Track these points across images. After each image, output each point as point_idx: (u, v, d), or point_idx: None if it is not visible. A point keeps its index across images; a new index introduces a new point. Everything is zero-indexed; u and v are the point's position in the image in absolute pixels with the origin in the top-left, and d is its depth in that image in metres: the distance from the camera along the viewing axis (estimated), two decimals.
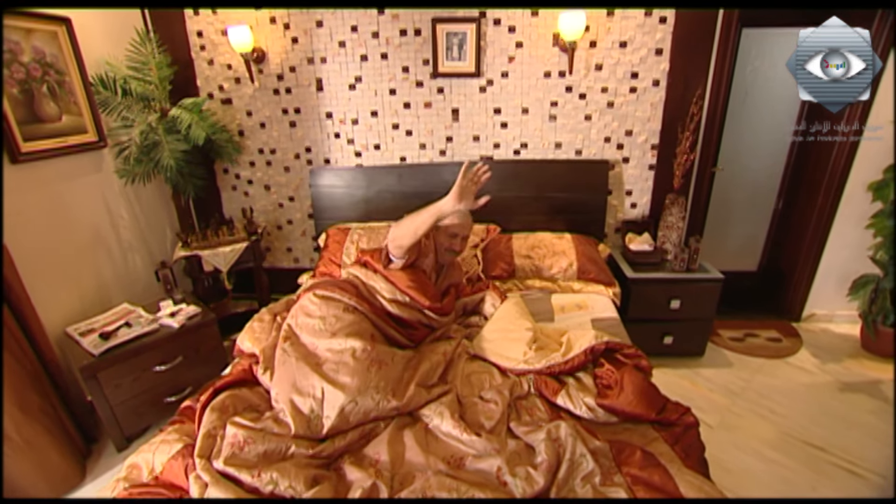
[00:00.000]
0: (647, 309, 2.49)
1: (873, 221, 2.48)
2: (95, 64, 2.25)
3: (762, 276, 3.20)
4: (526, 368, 1.64)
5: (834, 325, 2.94)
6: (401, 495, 1.16)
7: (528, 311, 1.97)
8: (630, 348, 1.71)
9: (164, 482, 1.25)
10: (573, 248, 2.49)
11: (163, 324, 2.16)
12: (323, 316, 1.62)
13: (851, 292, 2.62)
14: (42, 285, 2.00)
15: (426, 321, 1.84)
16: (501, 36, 2.48)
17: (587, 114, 2.60)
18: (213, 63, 2.63)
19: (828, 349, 2.72)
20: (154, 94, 2.33)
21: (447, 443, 1.39)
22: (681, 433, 1.45)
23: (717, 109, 2.55)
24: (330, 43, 2.54)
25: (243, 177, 2.88)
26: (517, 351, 1.70)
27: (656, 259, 2.58)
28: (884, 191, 2.42)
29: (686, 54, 2.45)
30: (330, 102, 2.67)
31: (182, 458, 1.27)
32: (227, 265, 2.46)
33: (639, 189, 2.74)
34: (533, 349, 1.69)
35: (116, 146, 2.32)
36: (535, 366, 1.64)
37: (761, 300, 3.15)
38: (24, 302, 1.85)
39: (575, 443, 1.31)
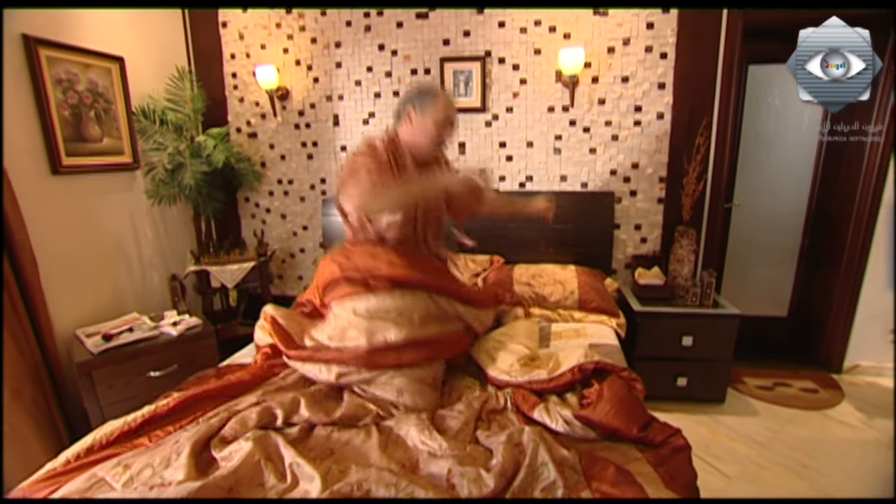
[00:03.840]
0: (657, 346, 2.33)
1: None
2: (140, 96, 2.54)
3: (793, 321, 2.94)
4: (507, 380, 1.56)
5: (884, 378, 2.61)
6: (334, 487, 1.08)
7: (537, 336, 1.92)
8: (624, 371, 1.59)
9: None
10: (575, 277, 2.41)
11: (163, 331, 2.23)
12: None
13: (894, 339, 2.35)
14: (60, 287, 2.14)
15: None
16: (506, 73, 2.61)
17: (592, 147, 2.63)
18: (244, 101, 2.91)
19: (876, 404, 2.41)
20: (186, 123, 2.58)
21: (407, 446, 1.30)
22: (667, 455, 1.28)
23: (726, 143, 2.51)
24: (347, 82, 2.77)
25: (262, 205, 3.05)
26: (506, 362, 1.63)
27: (666, 294, 2.44)
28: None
29: (689, 88, 2.47)
30: (345, 136, 2.85)
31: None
32: (233, 281, 2.55)
33: (648, 223, 2.67)
34: (519, 364, 1.60)
35: (147, 166, 2.55)
36: (516, 378, 1.54)
37: (794, 348, 2.88)
38: (38, 299, 1.98)
39: (537, 449, 1.20)
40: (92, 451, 1.24)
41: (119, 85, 2.46)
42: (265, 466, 1.15)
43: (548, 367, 1.58)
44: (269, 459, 1.18)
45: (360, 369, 1.48)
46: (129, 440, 1.29)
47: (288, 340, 1.66)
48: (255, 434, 1.25)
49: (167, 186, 2.55)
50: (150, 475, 1.13)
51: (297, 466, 1.16)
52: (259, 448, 1.19)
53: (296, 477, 1.14)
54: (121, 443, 1.27)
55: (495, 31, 2.57)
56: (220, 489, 1.07)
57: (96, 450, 1.25)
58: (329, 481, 1.10)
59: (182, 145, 2.54)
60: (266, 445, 1.23)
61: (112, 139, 2.44)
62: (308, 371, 1.55)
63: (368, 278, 1.61)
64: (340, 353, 1.51)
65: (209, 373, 1.73)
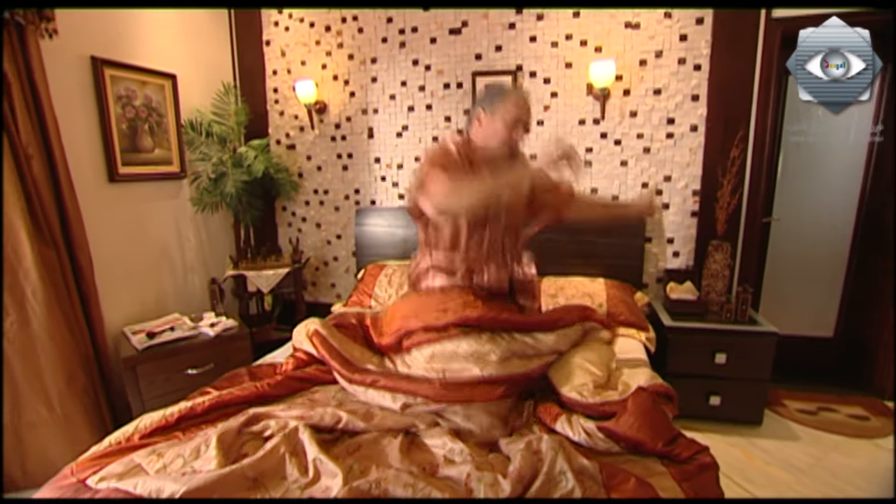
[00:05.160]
0: (689, 362, 2.26)
1: None
2: (189, 110, 2.72)
3: (840, 343, 2.78)
4: (578, 400, 1.43)
5: None
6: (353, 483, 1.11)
7: (613, 363, 1.72)
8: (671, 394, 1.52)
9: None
10: (604, 290, 2.38)
11: (201, 331, 2.35)
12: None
13: None
14: (111, 287, 2.30)
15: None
16: (537, 87, 2.63)
17: (623, 160, 2.61)
18: (284, 114, 3.05)
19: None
20: (230, 135, 2.74)
21: (429, 450, 1.32)
22: (693, 472, 1.25)
23: (764, 155, 2.44)
24: (382, 96, 2.86)
25: (298, 214, 3.17)
26: (579, 382, 1.49)
27: (699, 310, 2.37)
28: None
29: (724, 100, 2.42)
30: (379, 148, 2.94)
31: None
32: (268, 286, 2.66)
33: (681, 237, 2.61)
34: (593, 386, 1.48)
35: (192, 175, 2.71)
36: (587, 399, 1.42)
37: (840, 372, 2.72)
38: (92, 296, 2.13)
39: (556, 457, 1.20)
40: (132, 440, 1.32)
41: (171, 100, 2.64)
42: (289, 460, 1.19)
43: (618, 389, 1.49)
44: (293, 454, 1.22)
45: (429, 402, 1.41)
46: (165, 433, 1.36)
47: (345, 363, 1.60)
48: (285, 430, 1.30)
49: (210, 194, 2.70)
50: (181, 465, 1.19)
51: (320, 462, 1.20)
52: (286, 442, 1.24)
53: (318, 472, 1.18)
54: (158, 434, 1.35)
55: (526, 45, 2.61)
56: (245, 478, 1.13)
57: (136, 438, 1.33)
58: (350, 479, 1.13)
59: (225, 156, 2.69)
60: (294, 442, 1.27)
61: (162, 150, 2.61)
62: (371, 398, 1.48)
63: (439, 325, 1.54)
64: (411, 384, 1.44)
65: (242, 371, 1.81)
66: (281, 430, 1.32)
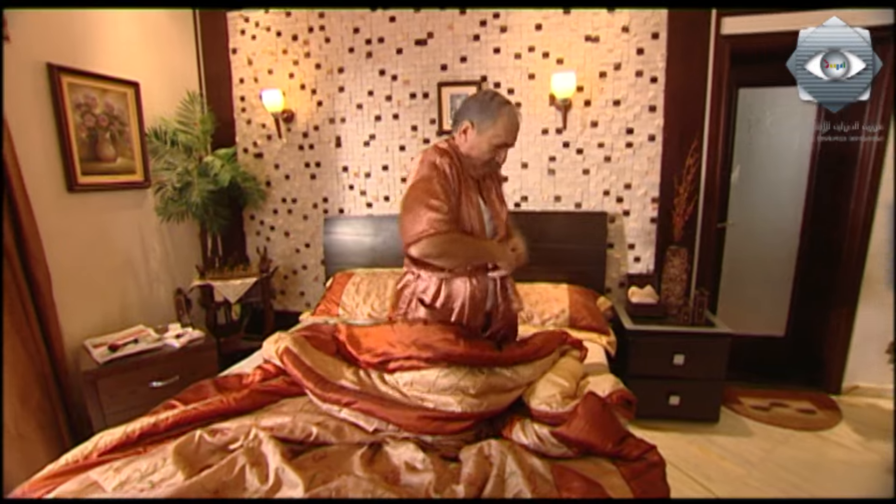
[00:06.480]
0: (649, 364, 2.35)
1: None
2: (153, 118, 2.68)
3: (791, 341, 2.93)
4: (547, 411, 1.44)
5: (884, 400, 2.58)
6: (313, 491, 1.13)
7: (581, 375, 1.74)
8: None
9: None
10: (567, 296, 2.45)
11: (166, 343, 2.31)
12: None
13: (893, 359, 2.33)
14: (72, 299, 2.25)
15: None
16: None
17: (585, 168, 2.69)
18: (251, 123, 3.04)
19: (875, 426, 2.38)
20: (196, 144, 2.71)
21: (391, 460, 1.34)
22: (642, 470, 1.31)
23: (717, 164, 2.56)
24: (349, 105, 2.88)
25: (266, 223, 3.16)
26: (547, 394, 1.50)
27: (659, 313, 2.46)
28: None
29: (679, 111, 2.53)
30: (347, 157, 2.96)
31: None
32: (235, 296, 2.64)
33: (641, 242, 2.71)
34: (560, 397, 1.50)
35: (157, 184, 2.67)
36: (556, 410, 1.44)
37: (792, 369, 2.87)
38: (50, 310, 2.08)
39: (504, 459, 1.24)
40: (90, 458, 1.30)
41: (134, 108, 2.60)
42: (249, 470, 1.20)
43: (583, 396, 1.49)
44: (255, 464, 1.23)
45: (401, 430, 1.41)
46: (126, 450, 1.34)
47: (319, 381, 1.58)
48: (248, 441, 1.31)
49: (176, 204, 2.66)
50: (138, 478, 1.18)
51: (282, 472, 1.21)
52: (247, 453, 1.25)
53: (279, 480, 1.19)
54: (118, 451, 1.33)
55: (491, 56, 2.68)
56: (206, 491, 1.13)
57: (95, 456, 1.31)
58: (311, 488, 1.15)
59: (191, 165, 2.67)
60: (256, 453, 1.28)
61: (125, 159, 2.57)
62: (345, 416, 1.47)
63: (423, 358, 1.53)
64: (385, 410, 1.44)
65: (207, 383, 1.79)
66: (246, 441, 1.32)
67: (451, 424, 1.41)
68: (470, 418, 1.42)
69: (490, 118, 1.52)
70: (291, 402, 1.64)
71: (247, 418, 1.50)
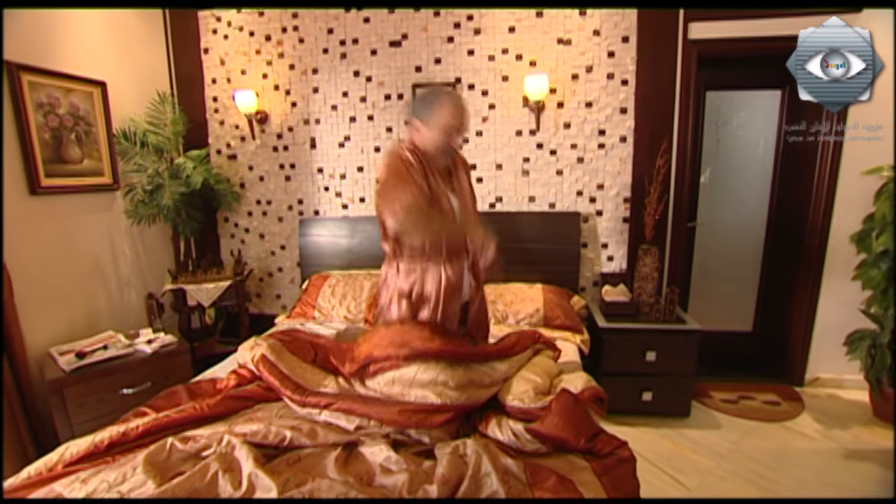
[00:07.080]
0: (622, 361, 2.40)
1: (858, 273, 2.38)
2: (121, 119, 2.62)
3: (758, 336, 3.03)
4: (520, 406, 1.47)
5: (843, 390, 2.70)
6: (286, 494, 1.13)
7: (555, 373, 1.76)
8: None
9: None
10: (542, 295, 2.49)
11: (137, 349, 2.26)
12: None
13: (850, 351, 2.44)
14: (34, 306, 2.17)
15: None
16: (475, 99, 2.72)
17: (558, 169, 2.73)
18: (224, 124, 2.99)
19: (834, 415, 2.48)
20: (166, 145, 2.66)
21: (366, 460, 1.35)
22: (613, 465, 1.34)
23: (686, 164, 2.63)
24: (324, 106, 2.87)
25: (241, 225, 3.11)
26: (520, 390, 1.54)
27: (632, 311, 2.52)
28: (866, 241, 2.34)
29: (649, 113, 2.60)
30: (322, 159, 2.94)
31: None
32: (209, 300, 2.59)
33: (614, 242, 2.77)
34: (534, 392, 1.53)
35: (126, 187, 2.61)
36: (528, 405, 1.47)
37: (759, 362, 2.98)
38: (11, 317, 2.01)
39: (480, 459, 1.26)
40: (55, 469, 1.27)
41: (101, 108, 2.53)
42: (222, 476, 1.19)
43: (557, 392, 1.52)
44: (227, 470, 1.22)
45: (383, 425, 1.44)
46: (93, 460, 1.31)
47: (296, 388, 1.59)
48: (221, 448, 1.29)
49: (146, 207, 2.61)
50: (106, 489, 1.16)
51: (255, 477, 1.20)
52: (219, 459, 1.24)
53: (252, 485, 1.18)
54: (86, 462, 1.30)
55: (465, 58, 2.70)
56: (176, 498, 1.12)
57: (59, 468, 1.28)
58: (285, 492, 1.14)
59: (162, 167, 2.61)
60: (229, 459, 1.27)
61: (92, 161, 2.50)
62: (325, 418, 1.49)
63: (400, 356, 1.56)
64: (367, 407, 1.46)
65: (179, 388, 1.76)
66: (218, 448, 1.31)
67: (433, 417, 1.44)
68: (451, 410, 1.45)
69: (434, 108, 1.59)
70: (267, 407, 1.63)
71: (220, 425, 1.49)
